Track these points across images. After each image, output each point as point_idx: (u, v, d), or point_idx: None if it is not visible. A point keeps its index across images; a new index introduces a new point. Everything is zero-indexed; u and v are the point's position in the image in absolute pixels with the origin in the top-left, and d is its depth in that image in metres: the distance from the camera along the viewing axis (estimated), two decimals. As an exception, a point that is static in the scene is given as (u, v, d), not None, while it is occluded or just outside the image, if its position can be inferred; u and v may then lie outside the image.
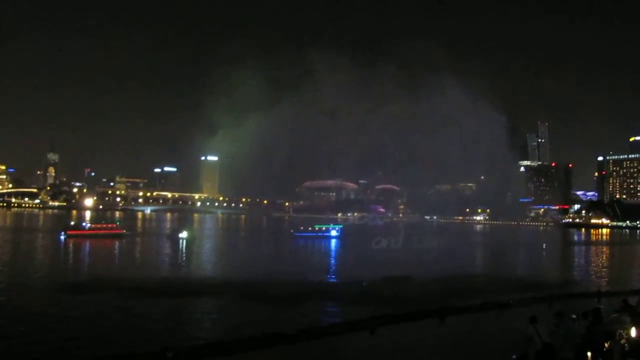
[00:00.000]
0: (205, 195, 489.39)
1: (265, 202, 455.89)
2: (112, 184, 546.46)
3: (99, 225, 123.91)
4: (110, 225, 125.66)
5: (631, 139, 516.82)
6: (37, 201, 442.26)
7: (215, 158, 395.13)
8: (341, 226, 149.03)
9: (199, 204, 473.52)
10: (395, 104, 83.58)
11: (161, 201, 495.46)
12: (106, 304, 41.69)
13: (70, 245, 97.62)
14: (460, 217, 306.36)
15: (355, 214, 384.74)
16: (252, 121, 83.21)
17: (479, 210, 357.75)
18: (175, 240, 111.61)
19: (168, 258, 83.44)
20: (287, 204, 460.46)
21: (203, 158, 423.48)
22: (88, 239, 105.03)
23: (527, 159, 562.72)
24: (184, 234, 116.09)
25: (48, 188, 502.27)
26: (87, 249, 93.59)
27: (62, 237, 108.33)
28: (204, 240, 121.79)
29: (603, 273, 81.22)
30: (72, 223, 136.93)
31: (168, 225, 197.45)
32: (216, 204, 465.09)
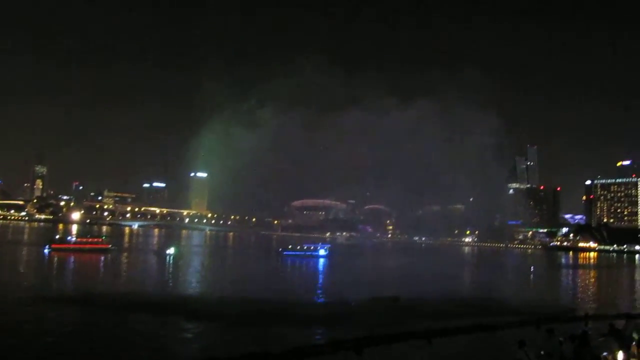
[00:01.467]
0: (194, 211, 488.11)
1: (254, 220, 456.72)
2: (100, 198, 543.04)
3: (84, 240, 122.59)
4: (95, 240, 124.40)
5: (618, 164, 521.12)
6: (23, 214, 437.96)
7: (204, 175, 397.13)
8: (329, 245, 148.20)
9: (187, 220, 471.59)
10: (386, 126, 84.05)
11: (149, 216, 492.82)
12: (86, 319, 41.12)
13: (55, 259, 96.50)
14: (449, 239, 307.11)
15: (344, 233, 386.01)
16: (241, 140, 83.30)
17: (468, 232, 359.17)
18: (162, 256, 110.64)
19: (153, 274, 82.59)
20: (275, 222, 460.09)
21: (192, 174, 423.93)
22: (73, 253, 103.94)
23: (516, 182, 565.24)
24: (171, 250, 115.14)
25: (35, 201, 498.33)
26: (71, 263, 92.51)
27: (47, 251, 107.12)
28: (191, 257, 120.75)
29: (590, 296, 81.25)
30: (57, 237, 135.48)
31: (155, 241, 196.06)
32: (204, 220, 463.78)
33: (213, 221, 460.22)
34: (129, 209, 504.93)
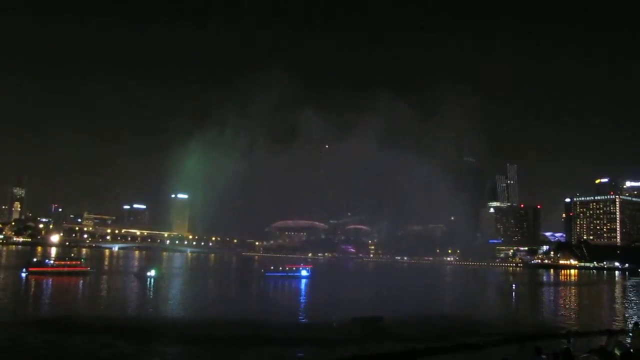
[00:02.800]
0: (175, 233, 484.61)
1: (235, 241, 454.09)
2: (79, 220, 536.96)
3: (62, 263, 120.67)
4: (74, 263, 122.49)
5: (597, 181, 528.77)
6: (0, 237, 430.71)
7: (185, 196, 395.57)
8: (311, 266, 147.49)
9: (168, 242, 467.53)
10: (367, 148, 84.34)
11: (130, 239, 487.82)
12: (59, 343, 40.15)
13: (31, 282, 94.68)
14: (431, 258, 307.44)
15: (326, 254, 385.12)
16: (223, 161, 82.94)
17: (449, 251, 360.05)
18: (142, 278, 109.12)
19: (132, 297, 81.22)
20: (257, 243, 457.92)
21: (173, 196, 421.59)
22: (50, 277, 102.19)
23: (496, 201, 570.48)
24: (151, 273, 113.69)
25: (13, 223, 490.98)
26: (48, 286, 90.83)
27: (23, 274, 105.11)
28: (172, 279, 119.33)
29: (572, 313, 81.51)
30: (35, 260, 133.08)
31: (136, 263, 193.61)
32: (185, 242, 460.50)
33: (194, 243, 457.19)
34: (109, 231, 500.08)
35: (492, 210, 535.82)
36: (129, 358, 37.01)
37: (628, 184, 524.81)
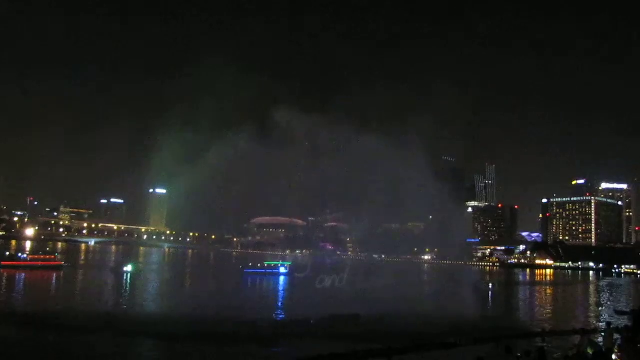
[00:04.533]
0: (153, 228, 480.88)
1: (213, 237, 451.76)
2: (55, 214, 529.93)
3: (36, 257, 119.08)
4: (48, 257, 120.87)
5: (573, 183, 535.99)
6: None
7: (163, 191, 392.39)
8: (290, 263, 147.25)
9: (145, 237, 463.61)
10: (345, 145, 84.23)
11: (107, 233, 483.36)
12: (26, 340, 39.44)
13: (4, 276, 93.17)
14: (409, 256, 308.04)
15: (304, 251, 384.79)
16: (202, 156, 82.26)
17: (427, 250, 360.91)
18: (118, 273, 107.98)
19: (107, 292, 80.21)
20: (235, 239, 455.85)
21: (151, 191, 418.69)
22: (23, 271, 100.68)
23: (474, 200, 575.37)
24: (128, 268, 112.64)
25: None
26: (21, 281, 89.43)
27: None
28: (149, 275, 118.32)
29: (547, 312, 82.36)
30: (8, 254, 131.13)
31: (112, 257, 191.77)
32: (163, 237, 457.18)
33: (172, 238, 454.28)
34: (85, 225, 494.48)
35: (470, 209, 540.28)
36: (100, 355, 36.40)
37: (604, 185, 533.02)
